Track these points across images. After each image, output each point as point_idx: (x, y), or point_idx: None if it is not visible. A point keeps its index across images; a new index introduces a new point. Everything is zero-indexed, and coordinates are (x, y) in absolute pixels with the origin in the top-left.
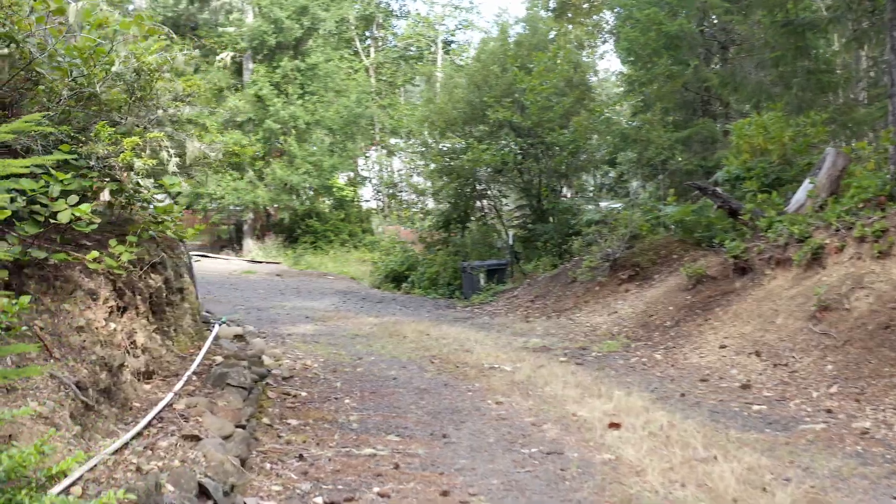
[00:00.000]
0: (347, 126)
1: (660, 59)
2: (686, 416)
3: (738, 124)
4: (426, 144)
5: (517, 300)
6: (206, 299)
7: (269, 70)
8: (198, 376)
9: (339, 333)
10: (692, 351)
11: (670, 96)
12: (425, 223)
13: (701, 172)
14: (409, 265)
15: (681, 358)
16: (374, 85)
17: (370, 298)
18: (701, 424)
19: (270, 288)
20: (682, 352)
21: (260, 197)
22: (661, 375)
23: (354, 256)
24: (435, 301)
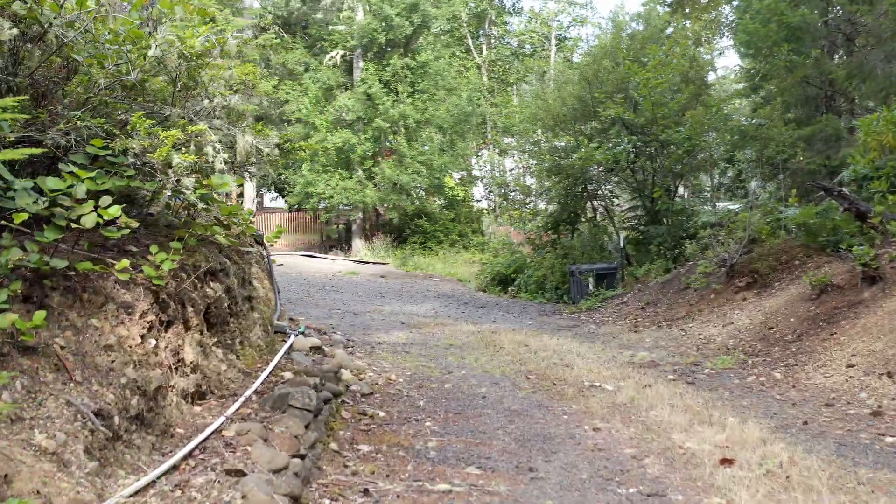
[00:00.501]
0: (458, 125)
1: (780, 51)
2: (809, 449)
3: (866, 120)
4: (536, 142)
5: (626, 307)
6: (303, 302)
7: (378, 68)
8: (259, 396)
9: (432, 343)
10: (816, 370)
11: (792, 91)
12: (534, 224)
13: (824, 172)
14: (516, 268)
15: (803, 378)
16: (487, 83)
17: (473, 303)
18: (826, 461)
19: (371, 290)
20: (805, 370)
21: (369, 196)
22: (780, 398)
23: (464, 257)
24: (541, 306)
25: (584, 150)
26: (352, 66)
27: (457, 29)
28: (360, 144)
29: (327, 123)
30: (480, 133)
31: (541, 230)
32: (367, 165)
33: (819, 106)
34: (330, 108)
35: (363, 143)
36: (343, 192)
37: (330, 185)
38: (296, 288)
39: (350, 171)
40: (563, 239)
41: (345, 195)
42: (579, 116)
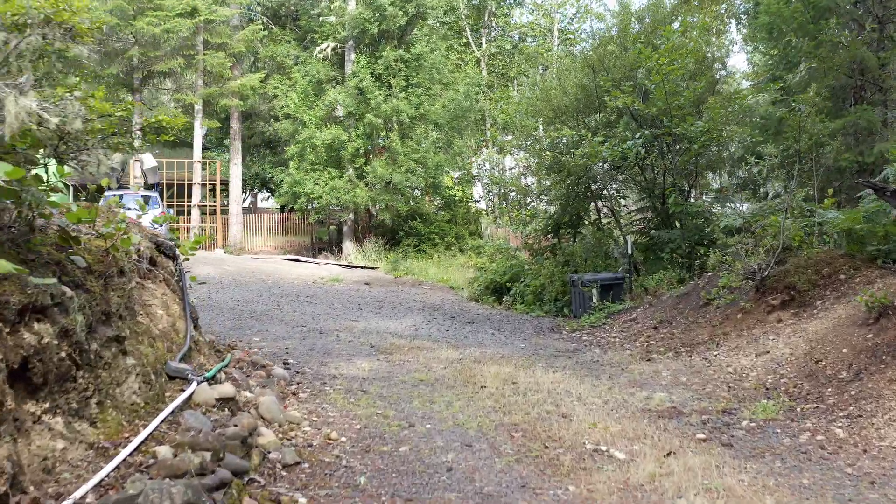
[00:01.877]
0: (455, 121)
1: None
2: None
3: None
4: (535, 138)
5: (636, 325)
6: (267, 317)
7: (371, 61)
8: (101, 494)
9: (399, 377)
10: (889, 424)
11: (821, 78)
12: (532, 227)
13: (855, 169)
14: (512, 276)
15: (874, 436)
16: (486, 78)
17: (461, 317)
18: None
19: (350, 301)
20: (874, 425)
21: (360, 197)
22: (852, 471)
23: (459, 261)
24: (538, 321)
25: (588, 146)
26: (343, 59)
27: (455, 22)
28: (350, 141)
29: (316, 119)
30: (479, 131)
31: (539, 234)
32: (359, 164)
33: (848, 97)
34: (319, 103)
35: (354, 139)
36: (332, 192)
37: (319, 184)
38: (266, 299)
39: (340, 170)
40: (564, 244)
41: (334, 195)
42: (582, 108)
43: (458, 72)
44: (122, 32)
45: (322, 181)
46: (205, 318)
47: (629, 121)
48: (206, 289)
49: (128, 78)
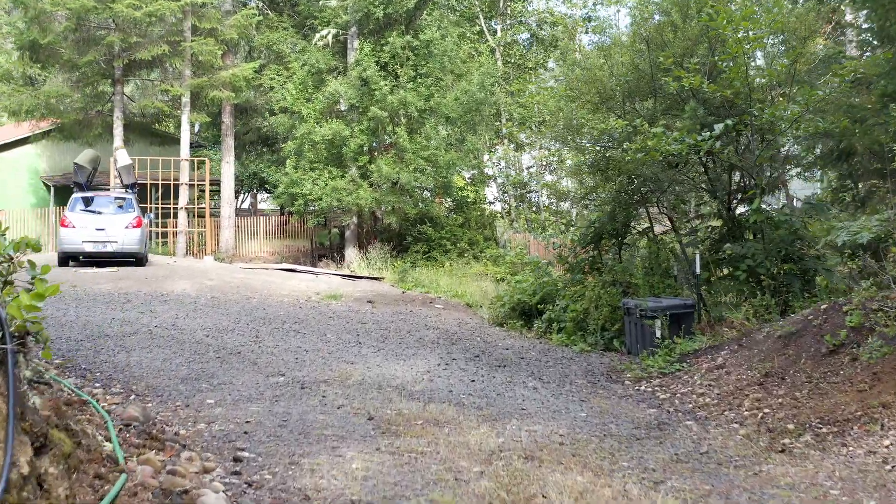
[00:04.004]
0: (468, 114)
1: None
2: None
3: None
4: (572, 127)
5: (728, 377)
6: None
7: (375, 48)
8: None
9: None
10: None
11: None
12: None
13: None
14: (543, 295)
15: None
16: (501, 68)
17: (488, 355)
18: None
19: (348, 329)
20: None
21: (363, 198)
22: None
23: (474, 270)
24: (585, 360)
25: (644, 138)
26: (346, 47)
27: (468, 8)
28: (353, 137)
29: (316, 113)
30: (494, 128)
31: (577, 244)
32: (362, 162)
33: None
34: (319, 95)
35: (357, 135)
36: (333, 193)
37: (318, 184)
38: (244, 327)
39: (342, 169)
40: (607, 257)
41: (335, 196)
42: (633, 91)
43: (471, 62)
44: (100, 16)
45: (322, 181)
46: (155, 360)
47: (696, 106)
48: (174, 312)
49: (108, 67)
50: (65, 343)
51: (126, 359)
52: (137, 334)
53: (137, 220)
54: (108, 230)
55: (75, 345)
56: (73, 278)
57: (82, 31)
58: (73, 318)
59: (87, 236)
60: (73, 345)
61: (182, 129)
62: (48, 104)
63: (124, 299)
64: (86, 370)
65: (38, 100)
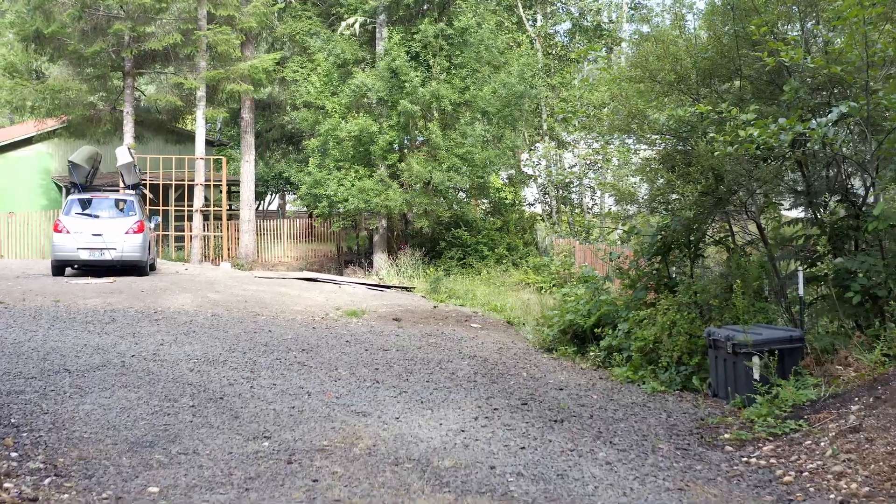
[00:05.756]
0: (506, 109)
1: None
2: None
3: None
4: (639, 115)
5: (871, 446)
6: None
7: (406, 36)
8: None
9: None
10: None
11: None
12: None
13: None
14: (600, 317)
15: None
16: (542, 60)
17: (537, 400)
18: None
19: (365, 361)
20: None
21: (393, 200)
22: None
23: (514, 278)
24: (661, 406)
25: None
26: (374, 36)
27: None
28: (382, 133)
29: (341, 107)
30: (534, 124)
31: (639, 255)
32: (392, 160)
33: None
34: (345, 88)
35: (386, 131)
36: (360, 194)
37: (343, 184)
38: (238, 358)
39: (370, 168)
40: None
41: (362, 198)
42: (712, 71)
43: (509, 52)
44: (107, 2)
45: (348, 181)
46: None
47: (798, 86)
48: (161, 336)
49: (117, 59)
50: (9, 381)
51: (75, 407)
52: (105, 368)
53: (139, 224)
54: (106, 236)
55: (22, 383)
56: (59, 291)
57: (88, 20)
58: (38, 344)
59: (83, 243)
60: (18, 383)
61: (197, 125)
62: (54, 99)
63: (108, 318)
64: (14, 426)
65: (42, 94)
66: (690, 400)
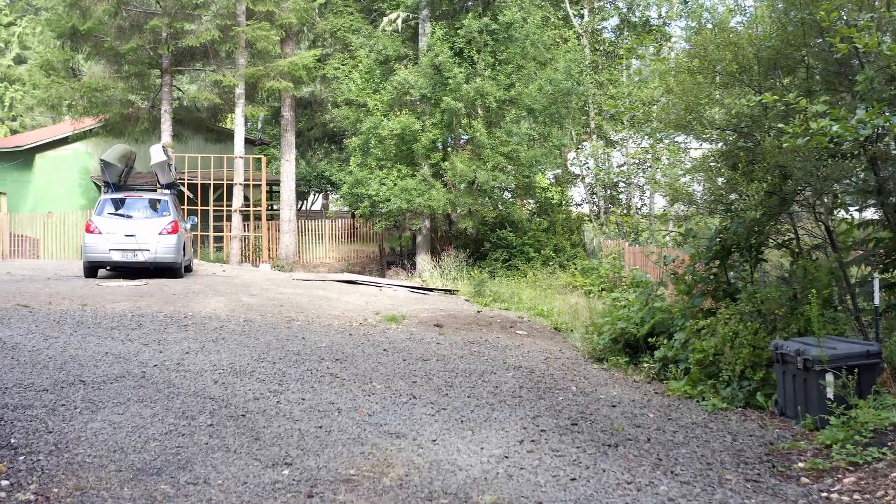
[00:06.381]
0: (553, 106)
1: None
2: None
3: None
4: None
5: None
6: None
7: (449, 32)
8: None
9: None
10: None
11: None
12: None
13: None
14: (653, 326)
15: None
16: (589, 56)
17: (588, 420)
18: None
19: (402, 372)
20: None
21: (436, 200)
22: None
23: (561, 281)
24: (723, 424)
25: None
26: (416, 32)
27: None
28: (424, 132)
29: (383, 105)
30: (581, 121)
31: (696, 259)
32: (435, 159)
33: None
34: (387, 85)
35: (429, 129)
36: (402, 194)
37: (386, 184)
38: (267, 368)
39: (412, 167)
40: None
41: (404, 198)
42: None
43: (556, 48)
44: None
45: (390, 180)
46: (121, 430)
47: (873, 75)
48: (188, 343)
49: (155, 56)
50: (19, 393)
51: (83, 426)
52: (123, 380)
53: (173, 224)
54: (139, 237)
55: (32, 397)
56: (88, 294)
57: (125, 16)
58: (56, 352)
59: (115, 244)
60: (28, 396)
61: (236, 124)
62: (91, 97)
63: (135, 324)
64: (12, 448)
65: (79, 92)
66: (756, 419)
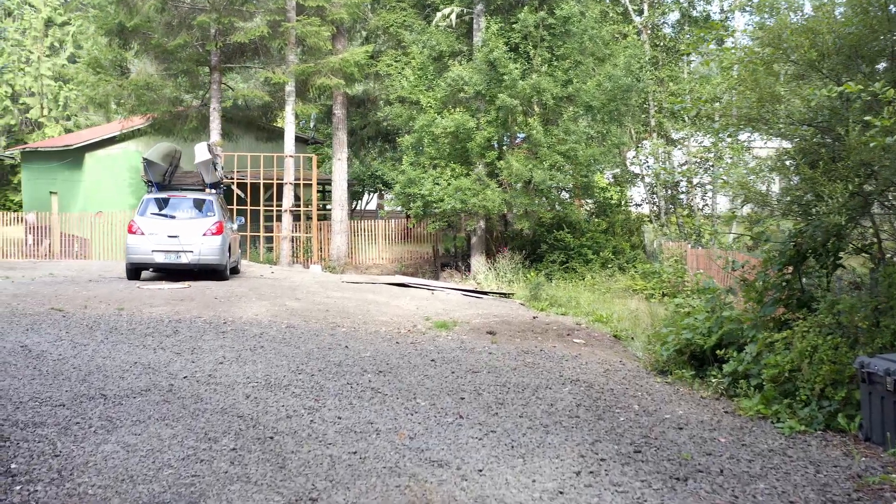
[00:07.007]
0: (612, 103)
1: None
2: None
3: None
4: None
5: None
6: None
7: (505, 27)
8: None
9: None
10: None
11: None
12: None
13: None
14: (721, 336)
15: None
16: (649, 52)
17: (653, 446)
18: None
19: (448, 388)
20: None
21: (491, 200)
22: None
23: (620, 284)
24: (803, 451)
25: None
26: (471, 27)
27: None
28: (479, 130)
29: (436, 102)
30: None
31: (768, 265)
32: (490, 158)
33: None
34: (441, 82)
35: (484, 127)
36: (456, 194)
37: (439, 183)
38: (304, 382)
39: (466, 166)
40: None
41: (458, 198)
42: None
43: (614, 44)
44: None
45: (443, 180)
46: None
47: None
48: (223, 352)
49: (203, 53)
50: (33, 409)
51: (94, 448)
52: (147, 393)
53: (218, 225)
54: (183, 238)
55: (47, 413)
56: (126, 297)
57: (172, 12)
58: (83, 361)
59: (158, 245)
60: (42, 413)
61: (286, 122)
62: (139, 95)
63: (171, 330)
64: (11, 475)
65: (126, 90)
66: (838, 444)
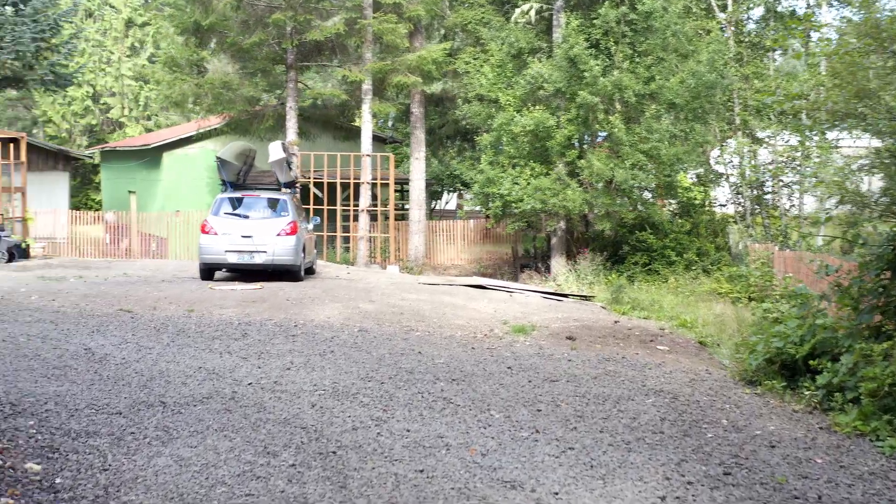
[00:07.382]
0: (696, 101)
1: None
2: None
3: None
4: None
5: None
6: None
7: (585, 23)
8: None
9: None
10: None
11: None
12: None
13: None
14: (814, 345)
15: None
16: (734, 48)
17: (744, 468)
18: None
19: (523, 398)
20: None
21: (571, 200)
22: None
23: (705, 287)
24: None
25: None
26: (550, 23)
27: None
28: (559, 128)
29: (515, 100)
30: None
31: (866, 269)
32: (570, 157)
33: None
34: (520, 79)
35: (564, 125)
36: (536, 194)
37: (518, 183)
38: (374, 390)
39: (546, 165)
40: None
41: (538, 197)
42: None
43: (698, 40)
44: None
45: (522, 179)
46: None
47: None
48: (291, 357)
49: (279, 51)
50: (88, 417)
51: (145, 462)
52: (209, 401)
53: (292, 225)
54: (256, 238)
55: (102, 421)
56: (197, 298)
57: (248, 10)
58: (146, 365)
59: (231, 245)
60: (97, 421)
61: (363, 121)
62: (215, 94)
63: (239, 333)
64: (54, 491)
65: (202, 88)
66: None
